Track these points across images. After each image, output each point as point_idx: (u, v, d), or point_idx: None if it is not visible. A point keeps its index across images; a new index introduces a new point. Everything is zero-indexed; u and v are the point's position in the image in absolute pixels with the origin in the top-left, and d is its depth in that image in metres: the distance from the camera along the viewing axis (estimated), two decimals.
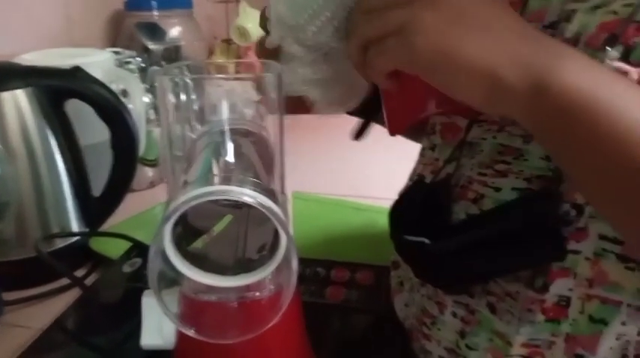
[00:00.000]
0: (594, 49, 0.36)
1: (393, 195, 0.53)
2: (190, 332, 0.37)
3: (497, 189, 0.43)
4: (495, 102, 0.35)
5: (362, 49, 0.39)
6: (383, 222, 0.64)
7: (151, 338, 0.44)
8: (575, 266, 0.38)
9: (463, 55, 0.34)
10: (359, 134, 0.55)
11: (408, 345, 0.52)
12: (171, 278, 0.37)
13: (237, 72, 0.55)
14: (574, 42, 0.38)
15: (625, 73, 0.34)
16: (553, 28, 0.40)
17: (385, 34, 0.37)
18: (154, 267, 0.35)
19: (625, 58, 0.35)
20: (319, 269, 0.66)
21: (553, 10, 0.41)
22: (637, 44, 0.35)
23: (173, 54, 1.15)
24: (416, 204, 0.50)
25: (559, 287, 0.39)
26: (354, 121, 0.56)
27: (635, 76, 0.34)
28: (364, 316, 0.58)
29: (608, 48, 0.35)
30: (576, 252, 0.38)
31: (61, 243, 0.71)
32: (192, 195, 0.34)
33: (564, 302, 0.39)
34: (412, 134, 0.61)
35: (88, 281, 0.67)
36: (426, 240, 0.44)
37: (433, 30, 0.34)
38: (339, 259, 0.68)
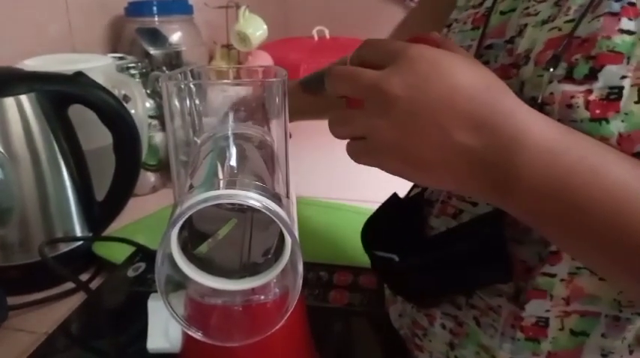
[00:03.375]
0: (541, 66, 0.37)
1: None
2: (197, 335, 0.37)
3: (475, 204, 0.43)
4: (466, 194, 0.37)
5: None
6: None
7: (158, 341, 0.44)
8: (551, 288, 0.38)
9: (421, 162, 0.35)
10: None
11: (406, 354, 0.52)
12: (177, 282, 0.37)
13: (238, 77, 0.55)
14: (525, 57, 0.39)
15: (572, 96, 0.35)
16: (512, 43, 0.41)
17: (354, 137, 0.38)
18: (161, 271, 0.35)
19: (569, 75, 0.35)
20: (322, 273, 0.66)
21: (512, 25, 0.41)
22: (578, 61, 0.35)
23: (174, 59, 1.15)
24: (388, 220, 0.51)
25: (535, 307, 0.39)
26: None
27: (580, 100, 0.34)
28: (368, 320, 0.58)
29: (551, 69, 0.36)
30: (551, 275, 0.38)
31: (64, 248, 0.71)
32: (199, 199, 0.34)
33: (543, 323, 0.39)
34: None
35: (92, 285, 0.68)
36: (395, 257, 0.45)
37: (388, 141, 0.35)
38: (342, 263, 0.68)
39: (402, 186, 0.60)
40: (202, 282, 0.37)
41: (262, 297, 0.40)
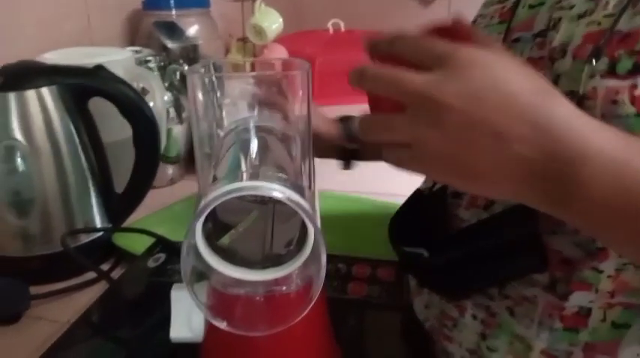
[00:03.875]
0: (581, 60, 0.37)
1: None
2: (222, 325, 0.37)
3: None
4: (521, 203, 0.35)
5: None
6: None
7: (180, 331, 0.45)
8: (598, 282, 0.38)
9: (475, 173, 0.34)
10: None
11: (429, 346, 0.53)
12: (200, 272, 0.38)
13: (255, 70, 0.56)
14: (561, 51, 0.38)
15: (617, 92, 0.34)
16: (542, 36, 0.41)
17: (395, 142, 0.36)
18: (186, 262, 0.36)
19: (611, 70, 0.35)
20: (340, 265, 0.66)
21: (541, 19, 0.41)
22: (621, 56, 0.35)
23: (191, 52, 1.15)
24: (413, 214, 0.51)
25: (579, 298, 0.39)
26: None
27: (626, 96, 0.34)
28: (387, 311, 0.59)
29: (593, 61, 0.35)
30: (599, 271, 0.38)
31: (85, 239, 0.72)
32: (223, 191, 0.35)
33: (584, 312, 0.39)
34: None
35: (113, 275, 0.68)
36: (424, 252, 0.45)
37: (439, 152, 0.34)
38: (360, 255, 0.68)
39: (420, 179, 0.60)
40: (226, 273, 0.38)
41: (284, 288, 0.40)
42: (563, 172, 0.31)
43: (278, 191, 0.35)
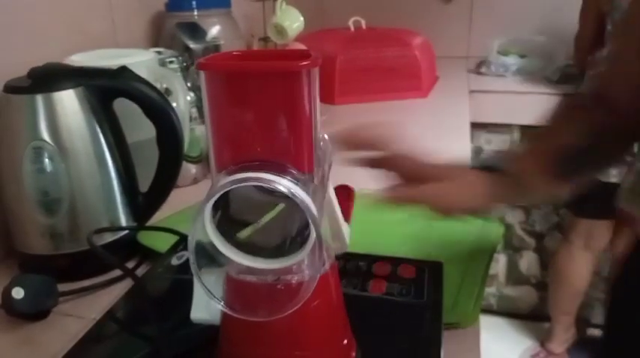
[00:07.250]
0: None
1: None
2: (227, 310, 0.39)
3: None
4: None
5: None
6: (423, 217, 0.64)
7: (200, 312, 0.47)
8: None
9: None
10: None
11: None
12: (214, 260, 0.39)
13: None
14: None
15: None
16: None
17: None
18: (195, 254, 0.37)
19: None
20: (361, 263, 0.66)
21: None
22: None
23: (213, 52, 1.16)
24: None
25: None
26: (394, 112, 0.57)
27: None
28: (407, 309, 0.59)
29: None
30: None
31: (110, 237, 0.73)
32: (229, 180, 0.36)
33: None
34: None
35: (137, 273, 0.70)
36: None
37: None
38: (381, 254, 0.68)
39: None
40: (237, 260, 0.39)
41: (296, 277, 0.41)
42: None
43: (282, 185, 0.36)
